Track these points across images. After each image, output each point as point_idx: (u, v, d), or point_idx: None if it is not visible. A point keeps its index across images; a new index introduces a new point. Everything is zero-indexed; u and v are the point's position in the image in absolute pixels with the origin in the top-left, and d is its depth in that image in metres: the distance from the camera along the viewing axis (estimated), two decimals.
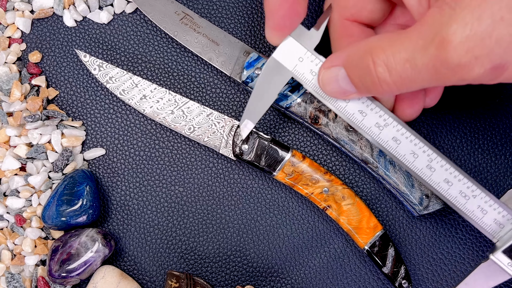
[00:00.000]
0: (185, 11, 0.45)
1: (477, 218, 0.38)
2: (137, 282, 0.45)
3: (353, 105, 0.38)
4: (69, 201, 0.43)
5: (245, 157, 0.43)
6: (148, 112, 0.44)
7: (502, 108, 0.46)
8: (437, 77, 0.31)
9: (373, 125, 0.38)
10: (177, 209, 0.46)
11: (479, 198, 0.38)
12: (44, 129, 0.45)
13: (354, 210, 0.43)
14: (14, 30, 0.46)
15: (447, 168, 0.38)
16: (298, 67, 0.38)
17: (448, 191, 0.38)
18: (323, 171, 0.43)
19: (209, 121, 0.44)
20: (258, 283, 0.45)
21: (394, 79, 0.32)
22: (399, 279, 0.43)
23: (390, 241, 0.43)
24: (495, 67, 0.29)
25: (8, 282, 0.44)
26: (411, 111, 0.39)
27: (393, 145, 0.38)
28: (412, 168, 0.38)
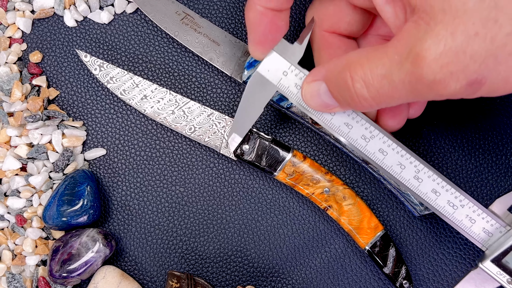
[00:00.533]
0: (185, 11, 0.45)
1: (465, 227, 0.39)
2: (138, 282, 0.45)
3: (338, 118, 0.38)
4: (70, 201, 0.43)
5: (246, 157, 0.43)
6: (149, 112, 0.44)
7: (503, 108, 0.46)
8: (414, 93, 0.30)
9: (360, 137, 0.38)
10: (178, 209, 0.46)
11: (467, 208, 0.38)
12: (45, 129, 0.45)
13: (355, 210, 0.43)
14: (14, 30, 0.46)
15: (434, 178, 0.38)
16: (283, 81, 0.38)
17: (436, 201, 0.38)
18: (324, 171, 0.43)
19: (210, 121, 0.44)
20: (259, 283, 0.45)
21: (372, 95, 0.32)
22: (400, 279, 0.43)
23: (391, 241, 0.43)
24: (471, 82, 0.29)
25: (9, 282, 0.44)
26: (394, 123, 0.39)
27: (380, 156, 0.38)
28: (400, 179, 0.38)
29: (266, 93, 0.39)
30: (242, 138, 0.41)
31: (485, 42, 0.27)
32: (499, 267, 0.38)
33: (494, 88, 0.30)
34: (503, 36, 0.27)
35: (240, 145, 0.43)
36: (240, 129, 0.41)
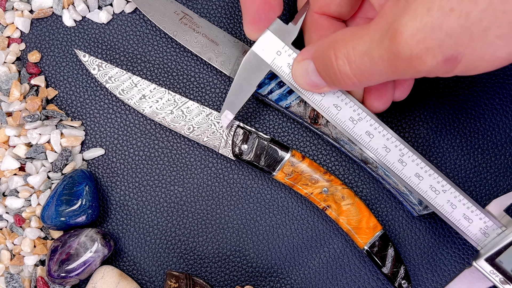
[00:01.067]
0: (184, 11, 0.45)
1: (463, 227, 0.39)
2: (136, 282, 0.45)
3: (328, 99, 0.39)
4: (68, 201, 0.43)
5: (245, 157, 0.43)
6: (147, 112, 0.44)
7: (502, 108, 0.46)
8: (393, 69, 0.31)
9: (348, 119, 0.39)
10: (177, 209, 0.46)
11: (465, 207, 0.39)
12: (43, 129, 0.45)
13: (354, 210, 0.43)
14: (13, 29, 0.46)
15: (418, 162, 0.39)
16: (276, 60, 0.39)
17: (419, 186, 0.39)
18: (322, 171, 0.43)
19: (209, 121, 0.44)
20: (258, 283, 0.45)
21: (354, 71, 0.33)
22: (399, 279, 0.43)
23: (389, 241, 0.43)
24: (448, 59, 0.29)
25: (7, 282, 0.44)
26: (379, 104, 0.40)
27: (366, 139, 0.39)
28: (385, 161, 0.39)
29: (260, 72, 0.40)
30: (234, 116, 0.42)
31: (460, 18, 0.28)
32: (493, 266, 0.39)
33: (470, 66, 0.30)
34: (478, 12, 0.28)
35: (239, 145, 0.43)
36: (233, 107, 0.41)
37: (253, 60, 0.39)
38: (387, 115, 0.46)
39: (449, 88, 0.46)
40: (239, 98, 0.41)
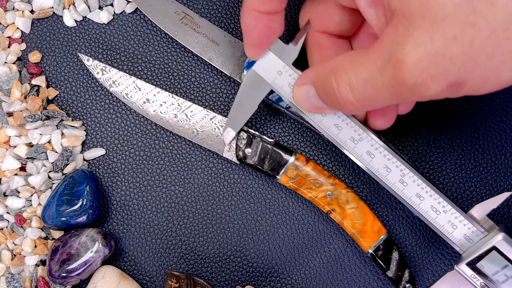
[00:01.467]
0: (185, 11, 0.45)
1: (447, 233, 0.39)
2: (137, 282, 0.45)
3: (329, 119, 0.39)
4: (69, 201, 0.43)
5: (249, 161, 0.43)
6: (151, 116, 0.44)
7: (502, 108, 0.46)
8: (397, 96, 0.31)
9: (348, 139, 0.39)
10: (177, 209, 0.46)
11: (450, 213, 0.39)
12: (44, 129, 0.45)
13: (358, 213, 0.43)
14: (14, 30, 0.46)
15: (419, 183, 0.39)
16: (277, 80, 0.39)
17: (420, 206, 0.39)
18: (327, 175, 0.43)
19: (213, 125, 0.44)
20: (258, 283, 0.45)
21: (357, 99, 0.33)
22: (403, 282, 0.43)
23: (394, 244, 0.43)
24: (452, 84, 0.29)
25: (8, 282, 0.44)
26: (382, 122, 0.40)
27: (367, 159, 0.39)
28: (386, 182, 0.39)
29: (261, 91, 0.40)
30: (237, 133, 0.42)
31: (463, 45, 0.28)
32: (474, 270, 0.39)
33: (474, 89, 0.30)
34: (482, 40, 0.28)
35: (243, 149, 0.43)
36: (235, 124, 0.42)
37: (254, 80, 0.40)
38: None
39: None
40: (241, 116, 0.41)
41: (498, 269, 0.39)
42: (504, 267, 0.39)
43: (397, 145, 0.46)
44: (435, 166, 0.46)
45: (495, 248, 0.38)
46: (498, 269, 0.39)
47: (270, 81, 0.39)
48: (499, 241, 0.38)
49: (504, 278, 0.39)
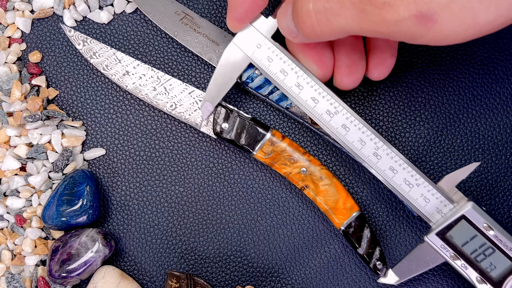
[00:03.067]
0: (185, 11, 0.45)
1: (420, 207, 0.40)
2: (137, 282, 0.45)
3: (306, 92, 0.39)
4: (69, 201, 0.43)
5: (225, 136, 0.43)
6: (130, 88, 0.44)
7: (503, 108, 0.46)
8: (360, 16, 0.29)
9: (324, 112, 0.40)
10: (177, 209, 0.46)
11: (422, 187, 0.39)
12: (44, 129, 0.45)
13: (332, 190, 0.43)
14: (14, 30, 0.46)
15: (392, 156, 0.39)
16: (256, 53, 0.40)
17: (393, 179, 0.40)
18: (302, 151, 0.43)
19: (191, 99, 0.44)
20: (258, 283, 0.45)
21: (317, 8, 0.31)
22: (374, 260, 0.43)
23: (366, 222, 0.43)
24: (421, 15, 0.28)
25: (8, 282, 0.44)
26: (349, 81, 0.40)
27: (343, 132, 0.40)
28: (360, 155, 0.40)
29: (240, 64, 0.41)
30: (215, 107, 0.42)
31: None
32: (443, 241, 0.39)
33: (446, 31, 0.28)
34: None
35: (220, 123, 0.43)
36: (213, 98, 0.42)
37: (233, 53, 0.40)
38: (388, 115, 0.46)
39: (450, 88, 0.46)
40: (219, 90, 0.42)
41: (467, 240, 0.39)
42: (473, 237, 0.39)
43: (397, 145, 0.46)
44: (435, 166, 0.46)
45: (464, 217, 0.39)
46: (467, 239, 0.39)
47: (249, 54, 0.40)
48: (468, 210, 0.39)
49: (473, 248, 0.39)
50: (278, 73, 0.40)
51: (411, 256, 0.41)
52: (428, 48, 0.46)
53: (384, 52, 0.40)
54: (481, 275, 0.39)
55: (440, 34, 0.29)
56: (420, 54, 0.46)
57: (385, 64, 0.41)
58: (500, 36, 0.46)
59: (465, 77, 0.46)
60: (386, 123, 0.46)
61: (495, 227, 0.38)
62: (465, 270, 0.39)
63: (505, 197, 0.45)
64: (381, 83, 0.46)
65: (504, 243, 0.38)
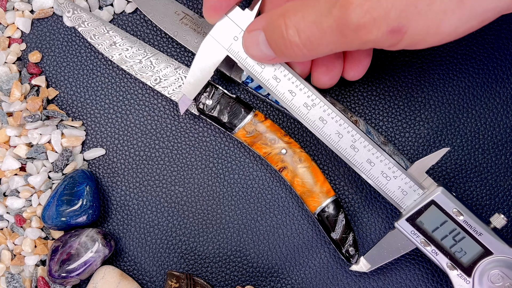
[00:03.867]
0: (185, 11, 0.45)
1: (398, 199, 0.40)
2: (137, 282, 0.45)
3: (283, 84, 0.39)
4: (69, 201, 0.43)
5: (208, 112, 0.43)
6: (116, 59, 0.44)
7: (503, 108, 0.46)
8: (340, 39, 0.32)
9: (302, 105, 0.39)
10: (177, 209, 0.46)
11: (400, 179, 0.40)
12: (44, 129, 0.45)
13: (309, 173, 0.43)
14: (14, 30, 0.46)
15: (369, 148, 0.39)
16: (233, 46, 0.39)
17: (371, 172, 0.40)
18: (282, 133, 0.43)
19: (176, 74, 0.44)
20: (258, 283, 0.45)
21: (303, 41, 0.34)
22: (347, 245, 0.43)
23: (341, 207, 0.43)
24: (392, 30, 0.31)
25: (8, 282, 0.44)
26: (325, 79, 0.41)
27: (320, 125, 0.40)
28: (337, 147, 0.40)
29: (217, 57, 0.40)
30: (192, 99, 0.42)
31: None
32: (414, 226, 0.39)
33: (415, 39, 0.31)
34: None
35: (204, 100, 0.43)
36: (190, 91, 0.42)
37: (210, 46, 0.40)
38: (388, 114, 0.46)
39: (450, 88, 0.46)
40: (196, 83, 0.41)
41: (437, 225, 0.39)
42: (443, 223, 0.39)
43: (397, 145, 0.46)
44: (435, 166, 0.46)
45: (433, 203, 0.39)
46: (438, 225, 0.39)
47: (226, 47, 0.39)
48: (437, 195, 0.39)
49: (443, 234, 0.39)
50: (255, 65, 0.39)
51: (382, 243, 0.41)
52: (428, 48, 0.46)
53: (359, 53, 0.41)
54: (451, 261, 0.39)
55: (410, 42, 0.32)
56: (420, 54, 0.46)
57: (361, 64, 0.41)
58: (500, 36, 0.46)
59: (465, 77, 0.46)
60: (386, 123, 0.46)
61: (465, 212, 0.39)
62: (435, 256, 0.39)
63: (505, 197, 0.45)
64: (381, 83, 0.46)
65: (474, 229, 0.38)
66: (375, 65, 0.46)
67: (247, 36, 0.38)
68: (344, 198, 0.46)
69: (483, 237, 0.39)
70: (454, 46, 0.46)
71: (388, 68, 0.46)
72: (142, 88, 0.46)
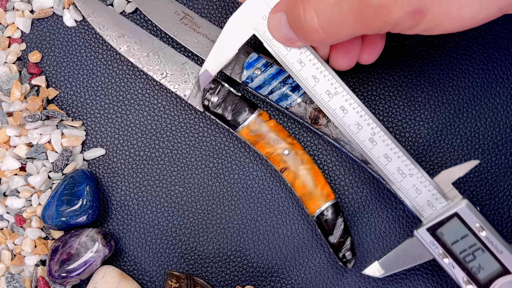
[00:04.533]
0: (185, 11, 0.45)
1: (411, 198, 0.39)
2: (137, 282, 0.45)
3: (307, 69, 0.39)
4: (69, 201, 0.43)
5: (213, 109, 0.43)
6: (123, 51, 0.44)
7: (503, 108, 0.46)
8: (361, 20, 0.32)
9: (324, 92, 0.39)
10: (177, 209, 0.46)
11: (415, 177, 0.39)
12: (44, 129, 0.45)
13: (310, 176, 0.43)
14: (14, 30, 0.46)
15: (388, 143, 0.39)
16: (261, 25, 0.39)
17: (386, 167, 0.39)
18: (286, 134, 0.43)
19: (183, 70, 0.44)
20: (258, 283, 0.45)
21: (322, 24, 0.33)
22: (344, 250, 0.43)
23: (340, 211, 0.43)
24: (414, 11, 0.30)
25: (8, 282, 0.44)
26: (343, 61, 0.40)
27: (340, 114, 0.39)
28: (355, 139, 0.39)
29: (243, 35, 0.39)
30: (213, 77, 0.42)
31: None
32: (434, 237, 0.39)
33: (435, 22, 0.31)
34: None
35: (209, 96, 0.43)
36: (213, 66, 0.41)
37: (238, 22, 0.39)
38: (388, 114, 0.46)
39: (450, 88, 0.46)
40: (220, 59, 0.41)
41: (457, 238, 0.38)
42: (464, 236, 0.38)
43: None
44: (435, 166, 0.46)
45: (457, 215, 0.38)
46: (458, 238, 0.38)
47: (253, 26, 0.39)
48: (461, 208, 0.38)
49: (463, 248, 0.38)
50: (281, 47, 0.39)
51: (398, 250, 0.41)
52: (428, 48, 0.46)
53: (375, 36, 0.41)
54: (468, 276, 0.39)
55: (428, 25, 0.32)
56: (420, 54, 0.46)
57: (376, 47, 0.41)
58: (500, 36, 0.46)
59: (465, 77, 0.46)
60: (386, 123, 0.46)
61: (488, 228, 0.38)
62: (452, 269, 0.39)
63: (505, 197, 0.45)
64: (381, 83, 0.46)
65: (494, 246, 0.38)
66: (375, 65, 0.46)
67: (271, 17, 0.38)
68: (344, 199, 0.46)
69: (503, 255, 0.38)
70: (454, 46, 0.46)
71: (388, 68, 0.46)
72: (142, 88, 0.46)
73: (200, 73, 0.41)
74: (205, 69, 0.41)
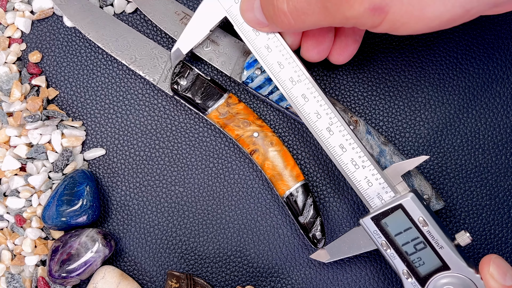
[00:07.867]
0: (185, 11, 0.45)
1: (362, 189, 0.40)
2: (137, 282, 0.45)
3: (273, 55, 0.40)
4: (69, 201, 0.43)
5: (182, 92, 0.43)
6: (92, 36, 0.44)
7: (503, 108, 0.46)
8: (324, 12, 0.33)
9: (288, 78, 0.40)
10: (177, 209, 0.46)
11: (368, 170, 0.39)
12: (44, 129, 0.45)
13: (280, 157, 0.43)
14: (14, 30, 0.46)
15: (344, 134, 0.39)
16: (233, 8, 0.40)
17: (341, 157, 0.40)
18: (255, 117, 0.44)
19: (152, 54, 0.45)
20: (259, 283, 0.45)
21: (290, 9, 0.35)
22: (314, 230, 0.43)
23: (310, 192, 0.43)
24: (375, 8, 0.31)
25: (8, 282, 0.44)
26: (313, 53, 0.41)
27: (301, 102, 0.40)
28: (314, 127, 0.40)
29: (215, 17, 0.41)
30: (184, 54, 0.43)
31: None
32: (377, 226, 0.39)
33: (398, 21, 0.31)
34: None
35: (178, 80, 0.43)
36: (185, 45, 0.42)
37: (211, 3, 0.40)
38: (388, 114, 0.46)
39: (450, 88, 0.46)
40: (192, 39, 0.42)
41: (401, 230, 0.39)
42: (407, 229, 0.39)
43: (397, 145, 0.46)
44: (435, 166, 0.46)
45: (401, 207, 0.38)
46: (401, 230, 0.39)
47: (226, 8, 0.40)
48: (406, 200, 0.38)
49: (405, 240, 0.39)
50: (250, 32, 0.40)
51: (345, 237, 0.41)
52: (428, 48, 0.46)
53: (347, 37, 0.41)
54: (408, 268, 0.39)
55: (392, 24, 0.32)
56: (420, 54, 0.46)
57: (347, 50, 0.41)
58: (500, 36, 0.46)
59: (465, 77, 0.46)
60: (386, 123, 0.46)
61: (431, 223, 0.38)
62: (393, 260, 0.39)
63: (505, 197, 0.45)
64: (381, 83, 0.46)
65: (436, 241, 0.38)
66: (375, 65, 0.46)
67: (243, 2, 0.39)
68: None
69: (443, 251, 0.38)
70: (454, 46, 0.46)
71: (388, 68, 0.46)
72: (142, 88, 0.46)
73: (172, 51, 0.42)
74: (177, 47, 0.42)
